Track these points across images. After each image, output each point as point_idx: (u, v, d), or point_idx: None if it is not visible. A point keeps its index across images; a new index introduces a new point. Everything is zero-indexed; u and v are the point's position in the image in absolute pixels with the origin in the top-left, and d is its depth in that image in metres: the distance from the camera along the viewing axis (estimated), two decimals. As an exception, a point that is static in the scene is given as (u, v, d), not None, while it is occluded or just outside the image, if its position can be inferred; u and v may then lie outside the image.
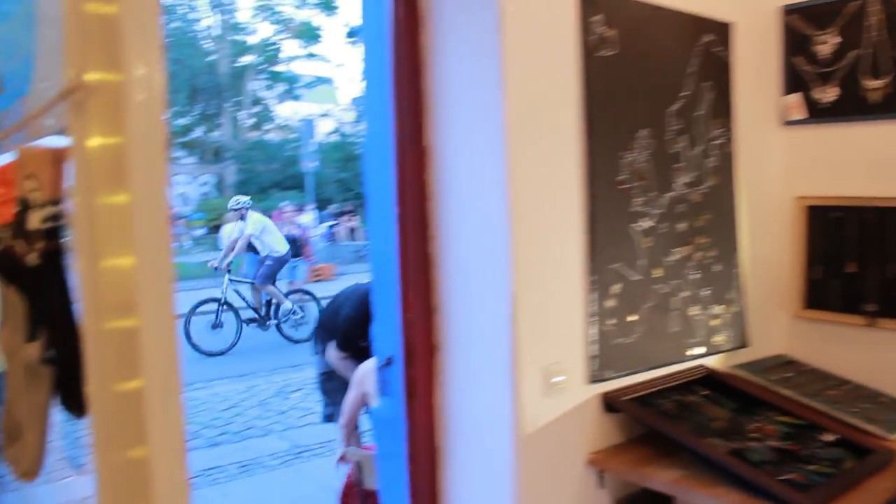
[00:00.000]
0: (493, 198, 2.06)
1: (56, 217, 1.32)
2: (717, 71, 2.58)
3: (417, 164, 2.23)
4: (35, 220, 1.34)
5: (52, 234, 1.34)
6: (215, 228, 20.72)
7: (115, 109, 1.12)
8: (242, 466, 5.38)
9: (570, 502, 2.19)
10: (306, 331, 9.53)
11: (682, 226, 2.46)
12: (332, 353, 4.07)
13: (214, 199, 28.06)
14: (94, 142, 1.13)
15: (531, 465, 2.09)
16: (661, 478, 2.05)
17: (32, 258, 1.35)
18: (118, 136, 1.12)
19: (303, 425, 6.42)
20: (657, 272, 2.39)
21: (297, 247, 10.06)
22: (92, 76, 1.12)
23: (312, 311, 9.87)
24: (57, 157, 1.29)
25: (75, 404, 1.30)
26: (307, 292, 10.45)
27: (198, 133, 31.95)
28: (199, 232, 24.68)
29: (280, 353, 9.29)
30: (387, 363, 2.37)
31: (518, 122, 2.04)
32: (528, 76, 2.07)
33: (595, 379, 2.22)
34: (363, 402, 3.19)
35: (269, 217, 11.32)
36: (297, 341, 9.74)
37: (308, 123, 17.95)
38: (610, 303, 2.26)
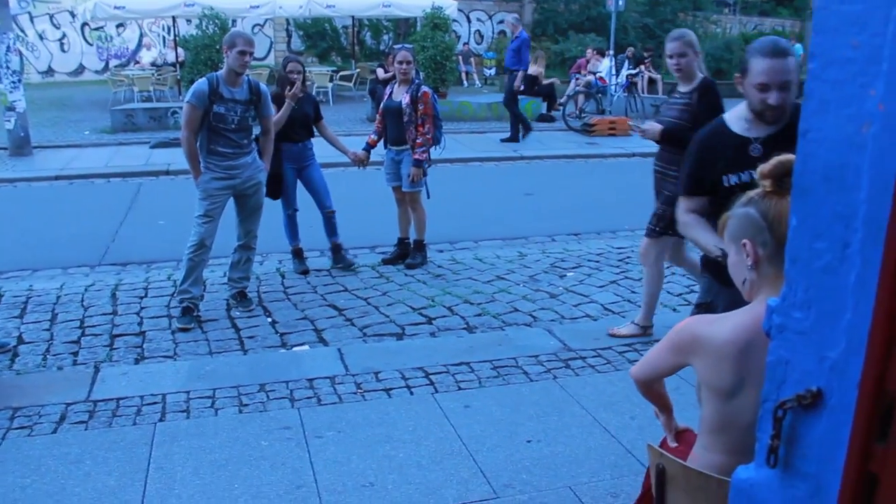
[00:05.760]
0: None
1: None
2: None
3: None
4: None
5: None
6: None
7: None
8: (495, 369, 4.24)
9: None
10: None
11: None
12: None
13: (508, 38, 26.78)
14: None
15: None
16: None
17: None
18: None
19: (577, 317, 5.17)
20: None
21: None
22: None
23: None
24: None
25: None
26: None
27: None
28: (490, 71, 23.76)
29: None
30: (805, 401, 1.01)
31: None
32: None
33: None
34: (673, 372, 1.87)
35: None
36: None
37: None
38: None
